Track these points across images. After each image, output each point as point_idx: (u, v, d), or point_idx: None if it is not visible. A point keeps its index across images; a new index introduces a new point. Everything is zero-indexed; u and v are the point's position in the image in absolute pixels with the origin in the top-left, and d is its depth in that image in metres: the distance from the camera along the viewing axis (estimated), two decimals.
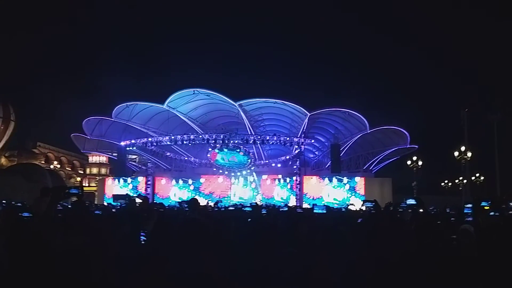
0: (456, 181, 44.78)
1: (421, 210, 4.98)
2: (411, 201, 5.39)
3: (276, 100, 34.91)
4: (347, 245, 3.62)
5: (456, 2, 78.56)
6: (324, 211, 6.95)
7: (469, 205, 5.46)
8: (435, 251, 3.91)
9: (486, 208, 4.31)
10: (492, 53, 68.68)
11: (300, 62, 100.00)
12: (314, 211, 7.17)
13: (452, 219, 7.19)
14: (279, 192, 36.85)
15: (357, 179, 35.02)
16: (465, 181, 37.30)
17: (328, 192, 34.44)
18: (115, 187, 38.89)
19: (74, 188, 4.02)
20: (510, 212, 7.64)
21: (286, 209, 11.59)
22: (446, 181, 51.77)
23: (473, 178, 40.51)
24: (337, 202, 32.40)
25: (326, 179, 35.04)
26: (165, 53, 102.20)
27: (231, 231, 4.09)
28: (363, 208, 8.54)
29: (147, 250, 3.71)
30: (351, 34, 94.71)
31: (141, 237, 4.06)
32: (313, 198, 34.05)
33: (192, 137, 32.64)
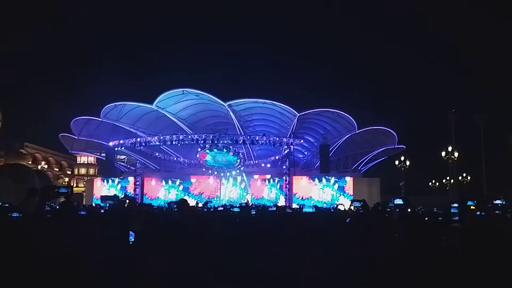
0: (444, 181, 45.21)
1: (409, 210, 5.02)
2: (398, 201, 5.44)
3: (266, 101, 34.94)
4: (335, 245, 3.64)
5: (443, 3, 79.32)
6: (313, 211, 6.98)
7: (455, 205, 5.52)
8: (424, 251, 3.94)
9: (472, 207, 4.36)
10: (480, 54, 69.58)
11: (289, 61, 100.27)
12: (303, 211, 7.19)
13: (439, 218, 7.25)
14: (268, 193, 36.94)
15: (346, 179, 35.25)
16: (452, 181, 37.72)
17: (317, 192, 34.64)
18: (103, 188, 38.64)
19: (63, 187, 3.99)
20: (497, 212, 7.72)
21: (274, 209, 11.60)
22: (433, 181, 52.23)
23: (460, 178, 40.94)
24: (326, 202, 32.58)
25: (316, 179, 35.20)
26: (155, 53, 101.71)
27: (216, 231, 4.09)
28: (352, 207, 8.59)
29: (134, 251, 3.69)
30: (341, 35, 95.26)
31: (130, 237, 4.04)
32: (302, 198, 34.19)
33: (181, 137, 32.54)
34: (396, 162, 36.35)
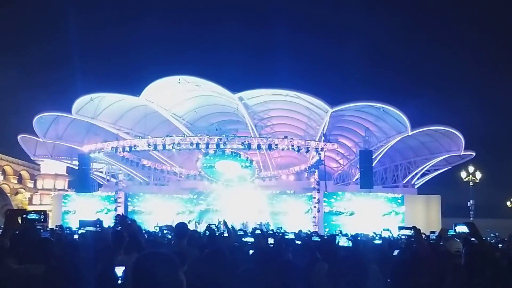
0: None
1: (473, 239, 5.11)
2: (462, 228, 5.52)
3: (288, 92, 34.63)
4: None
5: None
6: (350, 243, 7.03)
7: None
8: None
9: None
10: None
11: (321, 46, 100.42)
12: (338, 243, 7.24)
13: None
14: (290, 213, 36.89)
15: (395, 196, 35.08)
16: None
17: (355, 214, 34.48)
18: (75, 205, 39.09)
19: (34, 213, 4.11)
20: None
21: (293, 237, 11.70)
22: None
23: None
24: (366, 235, 32.43)
25: (354, 196, 35.09)
26: (143, 35, 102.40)
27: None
28: (406, 233, 8.67)
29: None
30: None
31: (117, 274, 4.18)
32: (335, 223, 34.10)
33: (177, 140, 32.68)
34: (463, 175, 36.07)
